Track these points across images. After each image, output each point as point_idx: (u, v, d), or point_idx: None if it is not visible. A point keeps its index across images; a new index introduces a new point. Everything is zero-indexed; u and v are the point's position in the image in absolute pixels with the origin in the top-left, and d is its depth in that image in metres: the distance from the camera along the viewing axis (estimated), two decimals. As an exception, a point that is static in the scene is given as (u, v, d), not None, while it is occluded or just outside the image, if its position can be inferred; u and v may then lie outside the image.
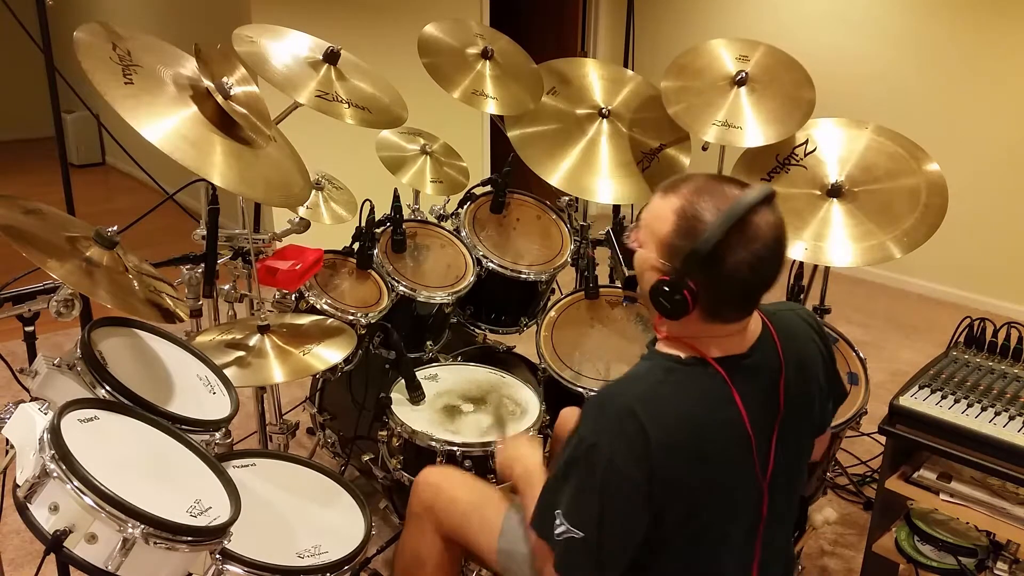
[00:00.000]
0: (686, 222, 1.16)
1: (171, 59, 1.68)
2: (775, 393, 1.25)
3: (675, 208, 1.17)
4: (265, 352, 1.85)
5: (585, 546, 1.18)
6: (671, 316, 1.19)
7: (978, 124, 4.15)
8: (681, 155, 2.54)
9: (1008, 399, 1.81)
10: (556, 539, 1.20)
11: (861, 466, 2.77)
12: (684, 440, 1.17)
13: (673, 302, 1.17)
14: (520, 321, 2.51)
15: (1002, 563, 1.83)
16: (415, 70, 2.34)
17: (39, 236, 1.43)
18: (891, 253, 2.09)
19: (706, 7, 5.27)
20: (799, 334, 1.33)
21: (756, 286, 1.19)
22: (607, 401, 1.21)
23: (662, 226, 1.19)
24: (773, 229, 1.16)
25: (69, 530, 1.13)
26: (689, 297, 1.16)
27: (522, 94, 2.45)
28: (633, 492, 1.16)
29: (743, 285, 1.17)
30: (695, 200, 1.16)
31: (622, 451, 1.15)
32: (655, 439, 1.14)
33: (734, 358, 1.22)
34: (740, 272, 1.15)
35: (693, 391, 1.20)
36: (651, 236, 1.21)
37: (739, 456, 1.23)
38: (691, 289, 1.16)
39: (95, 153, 7.17)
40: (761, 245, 1.14)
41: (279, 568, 1.39)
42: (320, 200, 2.50)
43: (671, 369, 1.22)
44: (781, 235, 1.17)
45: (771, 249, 1.16)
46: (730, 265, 1.14)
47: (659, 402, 1.18)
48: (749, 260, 1.14)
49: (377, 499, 2.38)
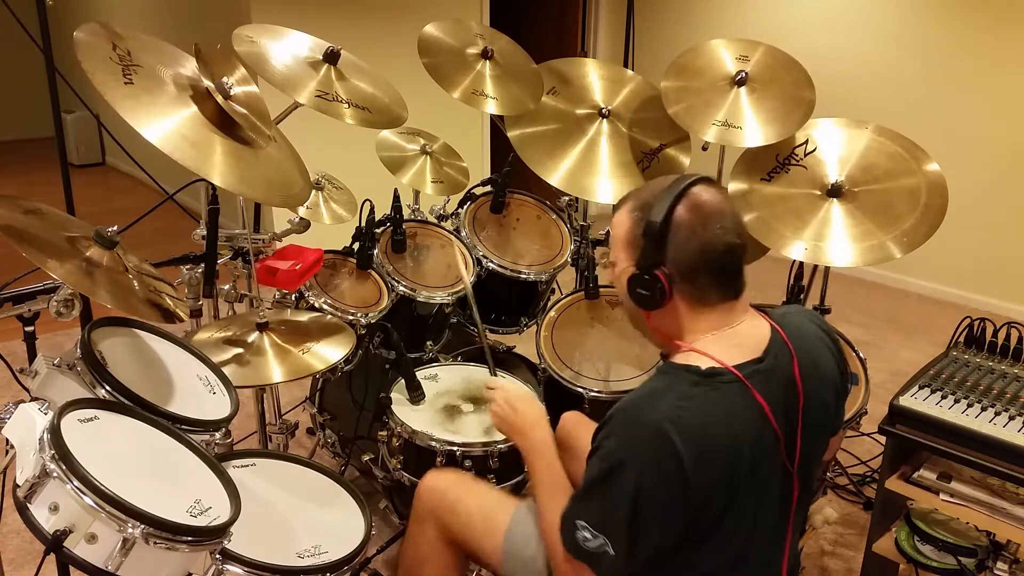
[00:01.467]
0: (639, 213, 1.26)
1: (171, 59, 1.68)
2: (793, 389, 1.26)
3: (627, 209, 1.29)
4: (264, 350, 1.85)
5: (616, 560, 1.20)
6: (654, 304, 1.25)
7: (978, 124, 4.15)
8: (681, 155, 2.54)
9: (1008, 399, 1.81)
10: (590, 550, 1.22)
11: (861, 466, 2.78)
12: (718, 452, 1.18)
13: (650, 287, 1.24)
14: (520, 321, 2.51)
15: (1002, 563, 1.83)
16: (415, 70, 2.34)
17: (39, 236, 1.43)
18: (891, 253, 2.09)
19: (706, 7, 5.28)
20: (808, 334, 1.34)
21: (720, 255, 1.23)
22: (635, 417, 1.20)
23: (621, 229, 1.30)
24: (718, 200, 1.24)
25: (69, 530, 1.13)
26: (662, 277, 1.22)
27: (522, 94, 2.45)
28: (660, 511, 1.18)
29: (707, 255, 1.22)
30: (641, 195, 1.28)
31: (653, 470, 1.16)
32: (688, 458, 1.15)
33: (750, 363, 1.23)
34: (697, 238, 1.21)
35: (721, 402, 1.20)
36: (617, 244, 1.31)
37: (770, 455, 1.24)
38: (663, 271, 1.22)
39: (95, 153, 7.18)
40: (712, 212, 1.22)
41: (279, 568, 1.39)
42: (320, 200, 2.50)
43: (696, 383, 1.21)
44: (728, 207, 1.25)
45: (723, 216, 1.23)
46: (685, 233, 1.21)
47: (689, 419, 1.17)
48: (703, 227, 1.21)
49: (377, 499, 2.38)
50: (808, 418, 1.27)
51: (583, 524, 1.22)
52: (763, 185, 2.29)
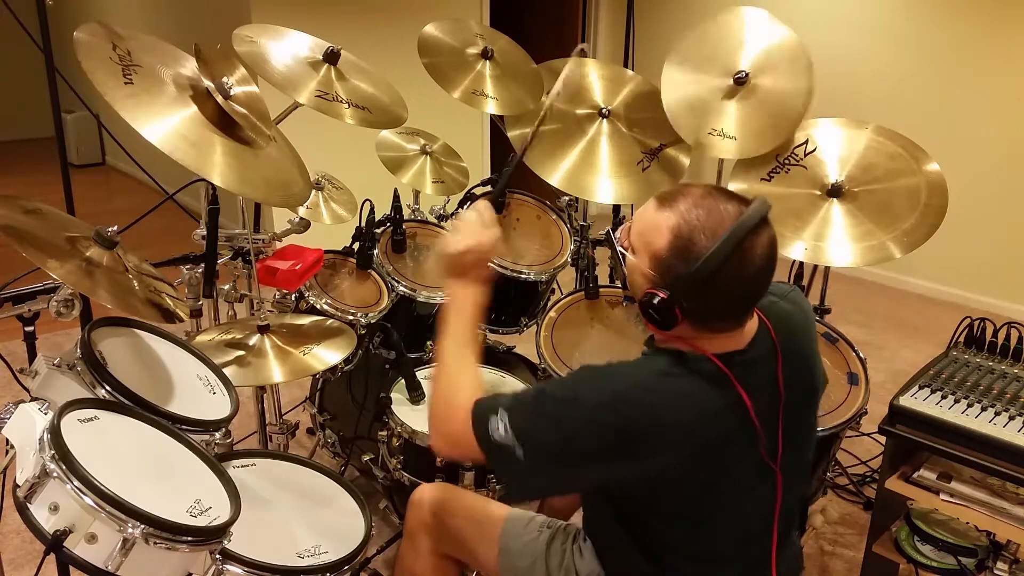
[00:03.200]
0: (681, 242, 1.16)
1: (171, 59, 1.68)
2: (775, 381, 1.26)
3: (671, 225, 1.17)
4: (265, 352, 1.85)
5: (519, 467, 1.18)
6: (659, 328, 1.21)
7: (978, 124, 4.15)
8: (681, 155, 2.53)
9: (1008, 399, 1.81)
10: (493, 439, 1.19)
11: (861, 466, 2.78)
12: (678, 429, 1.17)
13: (663, 316, 1.18)
14: (520, 321, 2.51)
15: (1002, 563, 1.83)
16: (415, 70, 2.34)
17: (39, 236, 1.43)
18: (891, 253, 2.09)
19: (706, 7, 5.27)
20: (796, 326, 1.34)
21: (746, 302, 1.21)
22: (606, 374, 1.22)
23: (656, 240, 1.18)
24: (767, 248, 1.16)
25: (69, 530, 1.13)
26: (679, 314, 1.17)
27: (522, 94, 2.45)
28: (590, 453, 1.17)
29: (733, 303, 1.20)
30: (691, 220, 1.16)
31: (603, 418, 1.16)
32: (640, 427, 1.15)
33: (733, 354, 1.23)
34: (731, 291, 1.17)
35: (695, 385, 1.20)
36: (644, 246, 1.21)
37: (744, 446, 1.23)
38: (682, 307, 1.16)
39: (95, 153, 7.18)
40: (754, 266, 1.15)
41: (279, 568, 1.39)
42: (320, 200, 2.50)
43: (673, 363, 1.22)
44: (774, 251, 1.18)
45: (764, 266, 1.17)
46: (722, 286, 1.15)
47: (660, 391, 1.18)
48: (741, 280, 1.16)
49: (377, 499, 2.38)
50: (789, 412, 1.27)
51: (503, 414, 1.19)
52: (763, 185, 2.28)
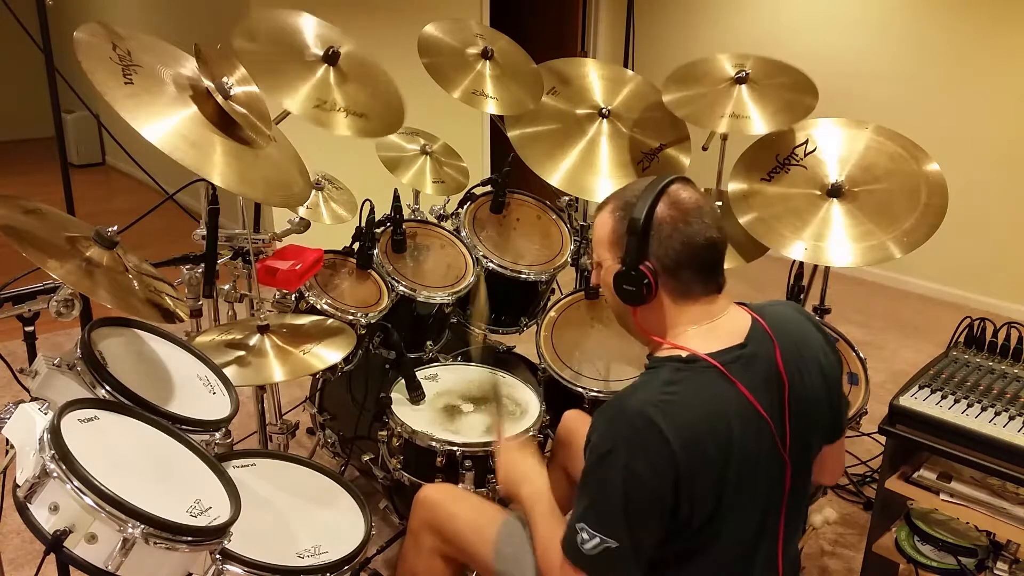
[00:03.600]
0: (621, 212, 1.29)
1: (171, 59, 1.68)
2: (776, 372, 1.27)
3: (609, 210, 1.32)
4: (265, 352, 1.85)
5: (622, 553, 1.19)
6: (640, 299, 1.27)
7: (978, 124, 4.15)
8: (681, 155, 2.53)
9: (1008, 399, 1.81)
10: (589, 553, 1.20)
11: (861, 466, 2.78)
12: (703, 435, 1.19)
13: (636, 283, 1.26)
14: (520, 321, 2.51)
15: (1002, 563, 1.83)
16: (415, 70, 2.34)
17: (39, 236, 1.43)
18: (891, 253, 2.09)
19: (706, 7, 5.27)
20: (789, 320, 1.36)
21: (701, 248, 1.26)
22: (618, 408, 1.22)
23: (604, 229, 1.32)
24: (696, 197, 1.29)
25: (69, 530, 1.13)
26: (648, 272, 1.25)
27: (522, 94, 2.45)
28: (653, 495, 1.18)
29: (690, 248, 1.25)
30: (622, 195, 1.32)
31: (639, 456, 1.16)
32: (675, 439, 1.16)
33: (730, 350, 1.25)
34: (680, 233, 1.25)
35: (703, 387, 1.22)
36: (601, 245, 1.33)
37: (759, 438, 1.25)
38: (647, 266, 1.26)
39: (95, 153, 7.18)
40: (691, 207, 1.27)
41: (279, 568, 1.39)
42: (320, 200, 2.50)
43: (678, 369, 1.23)
44: (706, 203, 1.29)
45: (702, 212, 1.27)
46: (668, 229, 1.25)
47: (673, 403, 1.19)
48: (684, 222, 1.25)
49: (377, 499, 2.38)
50: (795, 402, 1.28)
51: (582, 526, 1.21)
52: (763, 185, 2.29)
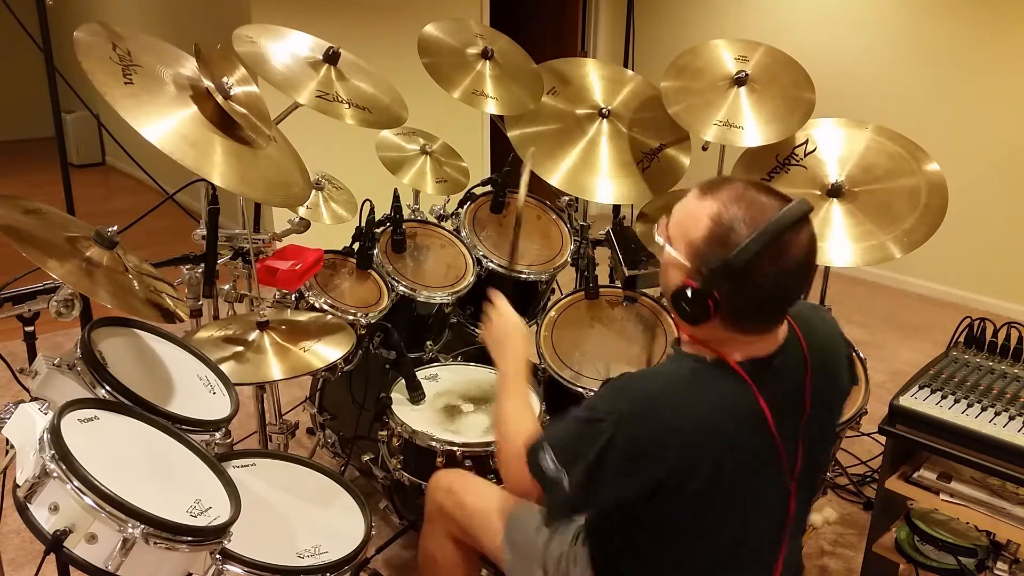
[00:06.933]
0: (720, 230, 1.14)
1: (171, 59, 1.68)
2: (801, 394, 1.24)
3: (711, 213, 1.15)
4: (264, 348, 1.85)
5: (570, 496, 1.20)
6: (690, 321, 1.19)
7: (978, 124, 4.15)
8: (681, 155, 2.54)
9: (1008, 399, 1.81)
10: (544, 470, 1.21)
11: (861, 466, 2.77)
12: (699, 435, 1.17)
13: (695, 308, 1.16)
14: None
15: (1002, 563, 1.83)
16: (415, 70, 2.34)
17: (39, 236, 1.43)
18: (891, 253, 2.09)
19: (706, 7, 5.27)
20: (823, 333, 1.32)
21: (779, 301, 1.19)
22: (626, 383, 1.22)
23: (695, 229, 1.17)
24: (805, 247, 1.14)
25: (69, 530, 1.13)
26: (712, 306, 1.15)
27: (522, 94, 2.45)
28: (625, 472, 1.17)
29: (767, 300, 1.17)
30: (732, 209, 1.14)
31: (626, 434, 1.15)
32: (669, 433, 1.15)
33: (759, 361, 1.21)
34: (766, 287, 1.14)
35: (716, 393, 1.20)
36: (682, 236, 1.19)
37: (763, 458, 1.22)
38: (715, 299, 1.14)
39: (95, 153, 7.17)
40: (791, 263, 1.14)
41: (279, 568, 1.39)
42: (320, 200, 2.50)
43: (696, 371, 1.21)
44: (812, 252, 1.16)
45: (800, 266, 1.15)
46: (756, 280, 1.13)
47: (680, 399, 1.18)
48: (776, 276, 1.14)
49: (377, 499, 2.38)
50: (812, 421, 1.26)
51: (548, 448, 1.21)
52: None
